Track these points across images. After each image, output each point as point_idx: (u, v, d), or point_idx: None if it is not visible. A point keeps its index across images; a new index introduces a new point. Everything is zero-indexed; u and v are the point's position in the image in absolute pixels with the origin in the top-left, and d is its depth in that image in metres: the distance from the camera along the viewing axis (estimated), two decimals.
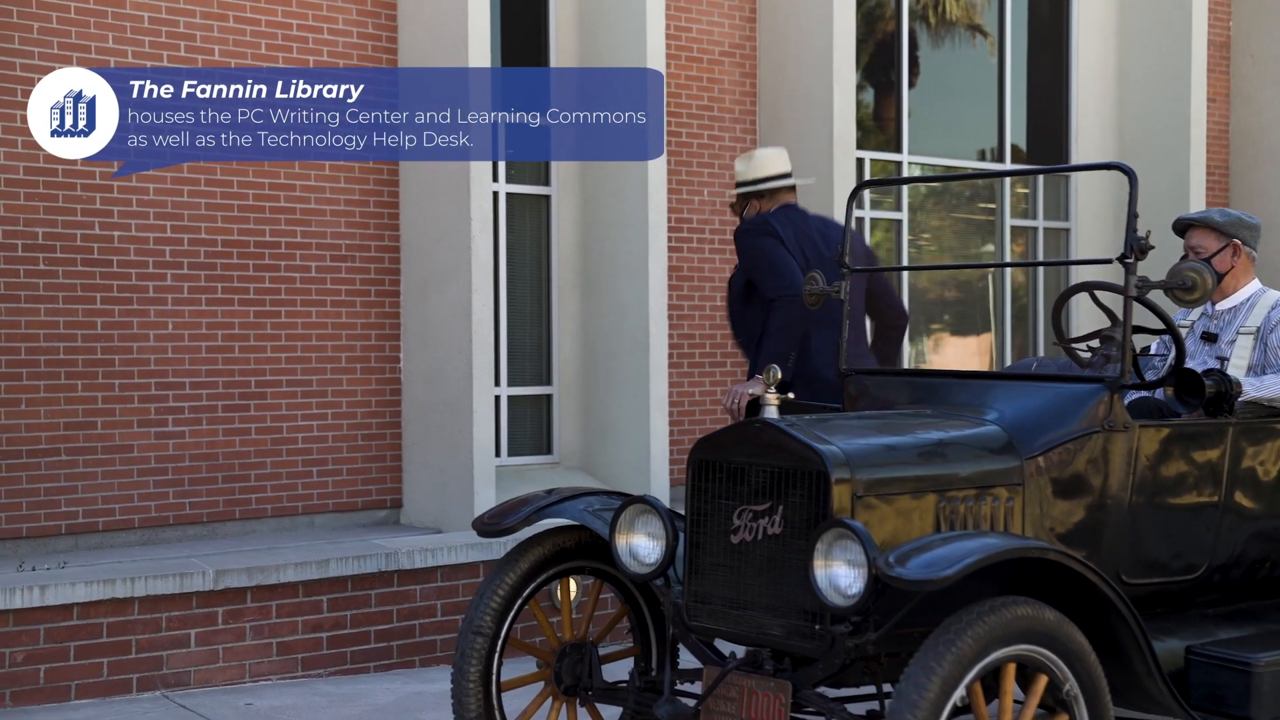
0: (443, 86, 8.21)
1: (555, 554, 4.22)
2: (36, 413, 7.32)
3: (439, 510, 8.30)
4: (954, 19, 10.85)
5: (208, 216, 7.87)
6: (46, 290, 7.37)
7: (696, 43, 9.56)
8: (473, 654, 4.07)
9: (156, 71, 7.68)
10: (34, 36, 7.31)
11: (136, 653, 5.23)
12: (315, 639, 5.57)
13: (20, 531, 7.27)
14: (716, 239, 9.72)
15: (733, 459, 3.84)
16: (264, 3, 8.04)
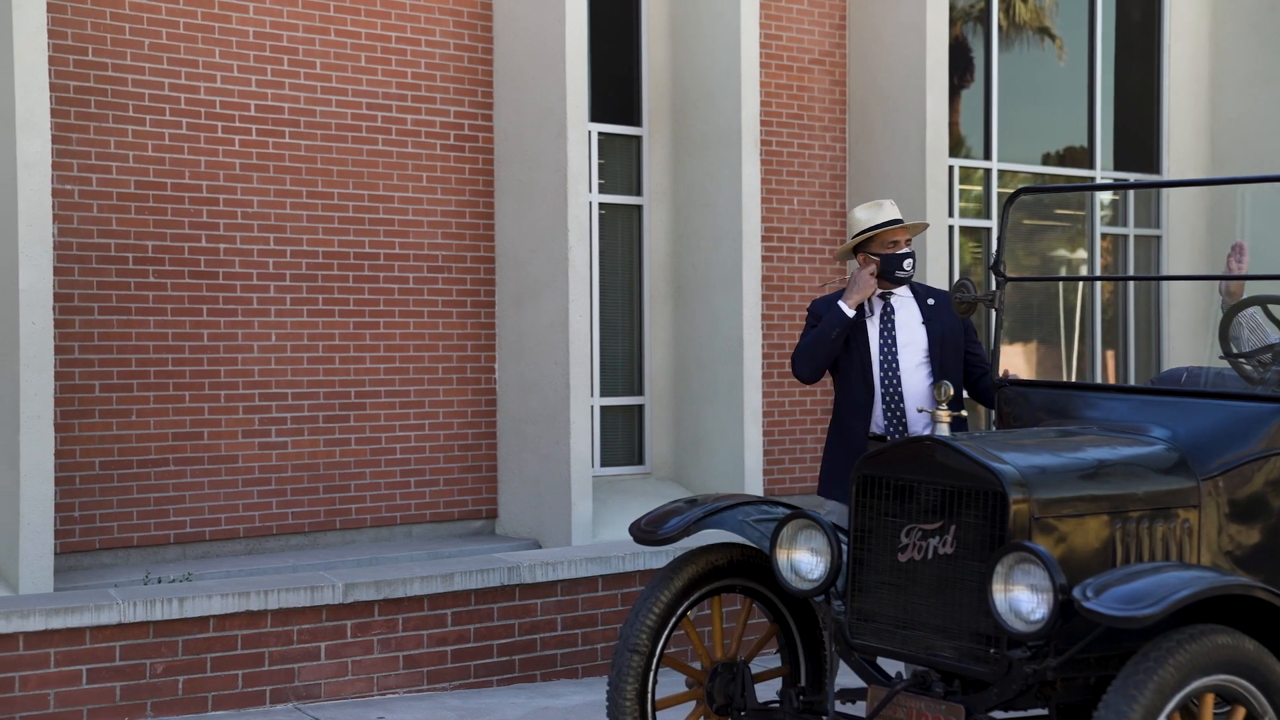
0: (540, 97, 8.24)
1: (708, 572, 4.20)
2: (146, 423, 7.39)
3: (535, 521, 8.31)
4: (1042, 24, 10.77)
5: (309, 229, 7.92)
6: (156, 303, 7.44)
7: (786, 50, 9.54)
8: (629, 671, 4.06)
9: (261, 84, 7.75)
10: (145, 52, 7.39)
11: (269, 665, 5.26)
12: (440, 652, 5.58)
13: (131, 540, 7.34)
14: (806, 248, 9.69)
15: (901, 476, 3.81)
16: (364, 16, 8.09)
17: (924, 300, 5.07)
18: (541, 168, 8.23)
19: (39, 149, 6.53)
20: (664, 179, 9.20)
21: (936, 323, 5.00)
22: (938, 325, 4.99)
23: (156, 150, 7.43)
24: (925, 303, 5.06)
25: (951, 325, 4.99)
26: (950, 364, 4.96)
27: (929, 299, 5.08)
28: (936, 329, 4.99)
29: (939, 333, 4.98)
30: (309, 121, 7.91)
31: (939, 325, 4.99)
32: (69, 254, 7.13)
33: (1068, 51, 10.92)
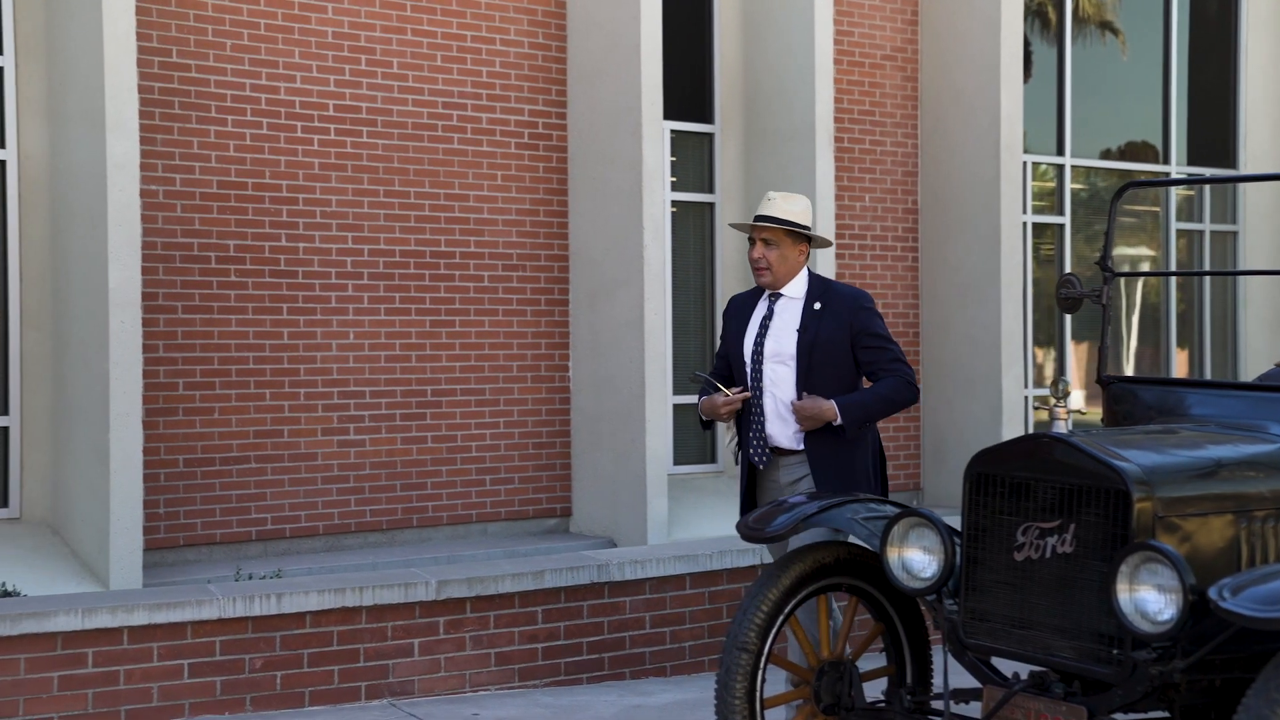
0: (615, 95, 8.24)
1: (815, 570, 4.18)
2: (228, 421, 7.46)
3: (610, 519, 8.32)
4: (1115, 18, 10.66)
5: (386, 227, 7.97)
6: (237, 301, 7.50)
7: (859, 46, 9.49)
8: (738, 670, 4.05)
9: (339, 84, 7.79)
10: (226, 54, 7.45)
11: (364, 661, 5.29)
12: (531, 650, 5.59)
13: (215, 537, 7.41)
14: (878, 245, 9.64)
15: (1016, 473, 3.77)
16: (440, 15, 8.12)
17: (811, 303, 4.62)
18: (616, 165, 8.23)
19: (127, 150, 6.60)
20: (736, 176, 9.18)
21: (812, 330, 4.55)
22: (812, 333, 4.55)
23: (238, 150, 7.49)
24: (811, 306, 4.61)
25: (833, 331, 4.54)
26: (821, 374, 4.54)
27: (817, 302, 4.60)
28: (809, 337, 4.54)
29: (809, 341, 4.54)
30: (386, 121, 7.95)
31: (813, 332, 4.54)
32: (154, 253, 7.20)
33: (1141, 45, 10.80)
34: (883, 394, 4.60)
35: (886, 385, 4.60)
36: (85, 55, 6.65)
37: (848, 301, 4.63)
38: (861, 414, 4.57)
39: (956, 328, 9.53)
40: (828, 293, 4.65)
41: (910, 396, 4.65)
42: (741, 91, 9.16)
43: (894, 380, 4.60)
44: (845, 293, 4.68)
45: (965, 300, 9.45)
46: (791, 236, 4.60)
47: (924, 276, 9.77)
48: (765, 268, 4.60)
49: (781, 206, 4.60)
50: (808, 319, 4.58)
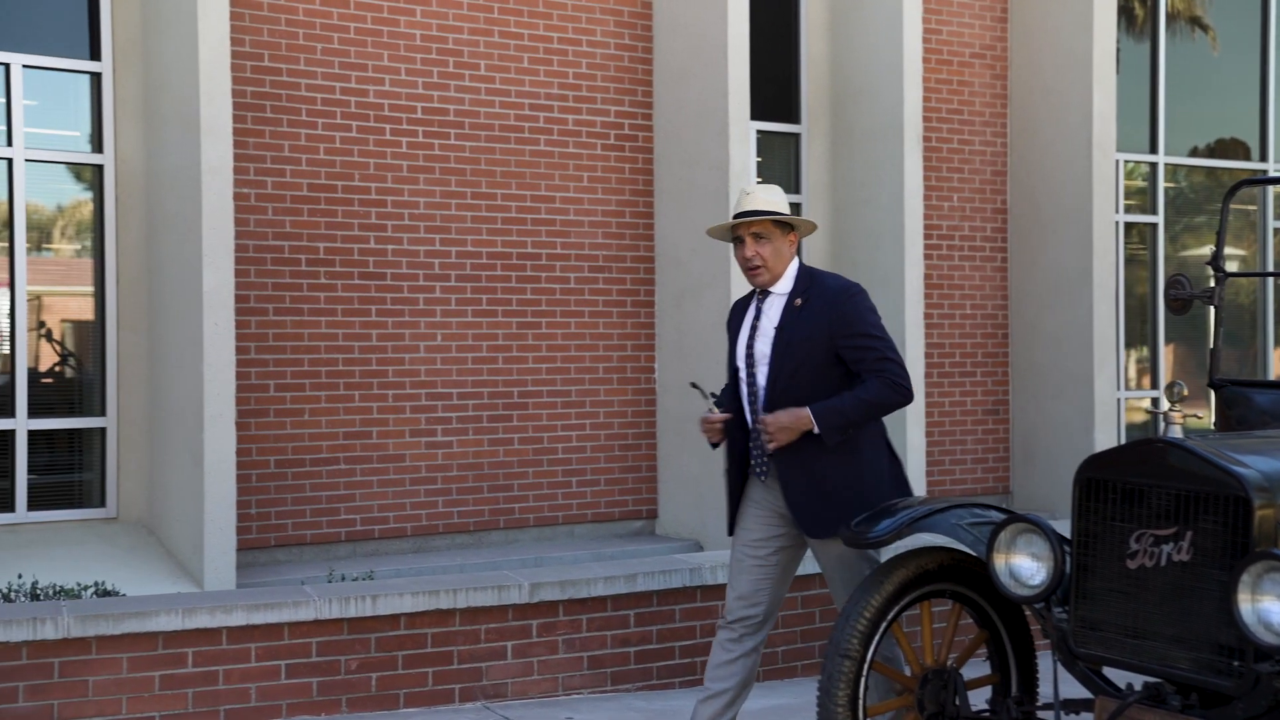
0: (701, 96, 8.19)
1: (918, 576, 4.11)
2: (318, 422, 7.51)
3: (696, 522, 8.27)
4: (1206, 15, 10.42)
5: (473, 229, 7.99)
6: (327, 304, 7.56)
7: (947, 45, 9.37)
8: (840, 677, 3.99)
9: (427, 87, 7.83)
10: (317, 57, 7.51)
11: (458, 663, 5.29)
12: (623, 653, 5.56)
13: (305, 538, 7.47)
14: (966, 246, 9.50)
15: (1129, 479, 3.68)
16: (526, 17, 8.13)
17: (793, 300, 4.25)
18: (702, 166, 8.19)
19: (221, 153, 6.67)
20: (822, 176, 9.10)
21: (790, 329, 4.20)
22: (789, 332, 4.20)
23: (328, 153, 7.55)
24: (793, 303, 4.24)
25: (812, 329, 4.17)
26: (800, 378, 4.18)
27: (800, 297, 4.24)
28: (785, 337, 4.20)
29: (785, 341, 4.20)
30: (473, 123, 7.97)
31: (790, 331, 4.20)
32: (245, 256, 7.28)
33: (1235, 41, 10.55)
34: (862, 397, 4.14)
35: (868, 387, 4.16)
36: (180, 60, 6.73)
37: (830, 295, 4.20)
38: (839, 420, 4.14)
39: (1047, 329, 9.37)
40: (812, 286, 4.24)
41: (897, 399, 4.19)
42: (828, 91, 9.08)
43: (877, 382, 4.15)
44: (830, 285, 4.24)
45: (1056, 301, 9.29)
46: (780, 227, 4.25)
47: (1013, 277, 9.62)
48: (760, 265, 4.23)
49: (764, 198, 4.24)
50: (787, 316, 4.22)
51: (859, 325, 4.18)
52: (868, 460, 4.27)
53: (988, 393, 9.57)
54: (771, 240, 4.23)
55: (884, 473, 4.31)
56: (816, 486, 4.21)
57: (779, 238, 4.24)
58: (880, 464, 4.30)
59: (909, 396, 4.22)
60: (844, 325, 4.16)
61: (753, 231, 4.23)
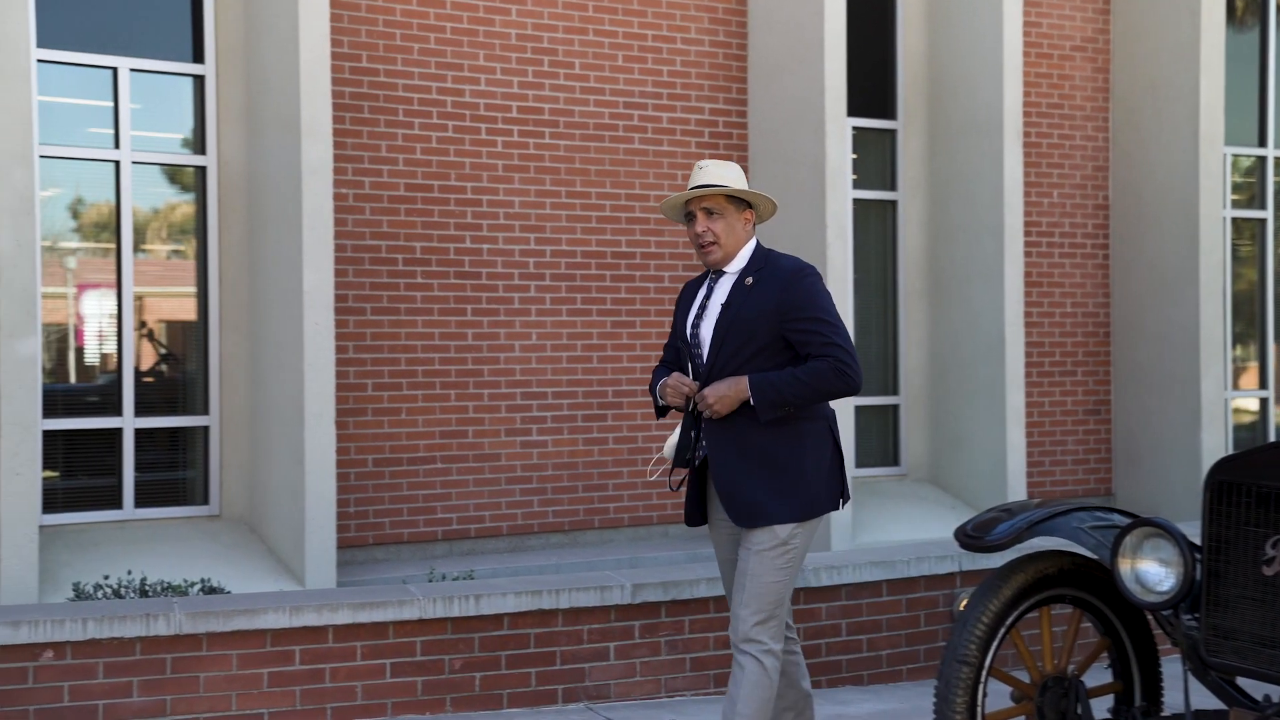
0: (797, 92, 8.11)
1: (1038, 581, 4.00)
2: (415, 421, 7.54)
3: None
4: None
5: (568, 228, 7.97)
6: (423, 303, 7.58)
7: (1047, 38, 9.19)
8: (958, 683, 3.90)
9: (523, 86, 7.82)
10: (414, 57, 7.54)
11: (561, 664, 5.26)
12: (726, 655, 5.49)
13: (402, 536, 7.50)
14: (1066, 242, 9.31)
15: (1264, 482, 3.55)
16: (621, 15, 8.10)
17: (744, 279, 3.98)
18: (798, 163, 8.10)
19: (321, 154, 6.71)
20: (919, 172, 8.96)
21: (735, 308, 3.94)
22: (733, 311, 3.93)
23: (424, 153, 7.57)
24: (743, 281, 3.97)
25: (758, 308, 3.89)
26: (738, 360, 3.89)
27: (750, 276, 3.97)
28: (730, 314, 3.94)
29: (730, 318, 3.92)
30: (568, 121, 7.96)
31: (735, 310, 3.93)
32: (343, 256, 7.32)
33: None
34: (800, 376, 3.82)
35: (809, 368, 3.83)
36: (282, 63, 6.78)
37: (782, 274, 3.92)
38: (773, 395, 3.81)
39: (1150, 327, 9.15)
40: (766, 266, 3.97)
41: (838, 386, 3.83)
42: (925, 86, 8.94)
43: (820, 364, 3.83)
44: (784, 265, 3.96)
45: (1160, 299, 9.07)
46: (735, 204, 3.99)
47: (1115, 274, 9.41)
48: (713, 242, 3.97)
49: (718, 172, 4.00)
50: (735, 294, 3.95)
51: (808, 307, 3.88)
52: (810, 452, 3.90)
53: (1089, 392, 9.37)
54: (725, 216, 3.97)
55: (824, 469, 3.93)
56: (747, 473, 3.87)
57: (733, 214, 3.99)
58: (823, 459, 3.93)
59: (853, 385, 3.86)
60: (793, 307, 3.87)
61: (704, 206, 3.97)
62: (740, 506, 3.89)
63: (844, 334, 3.89)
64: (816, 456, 3.91)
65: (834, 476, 3.97)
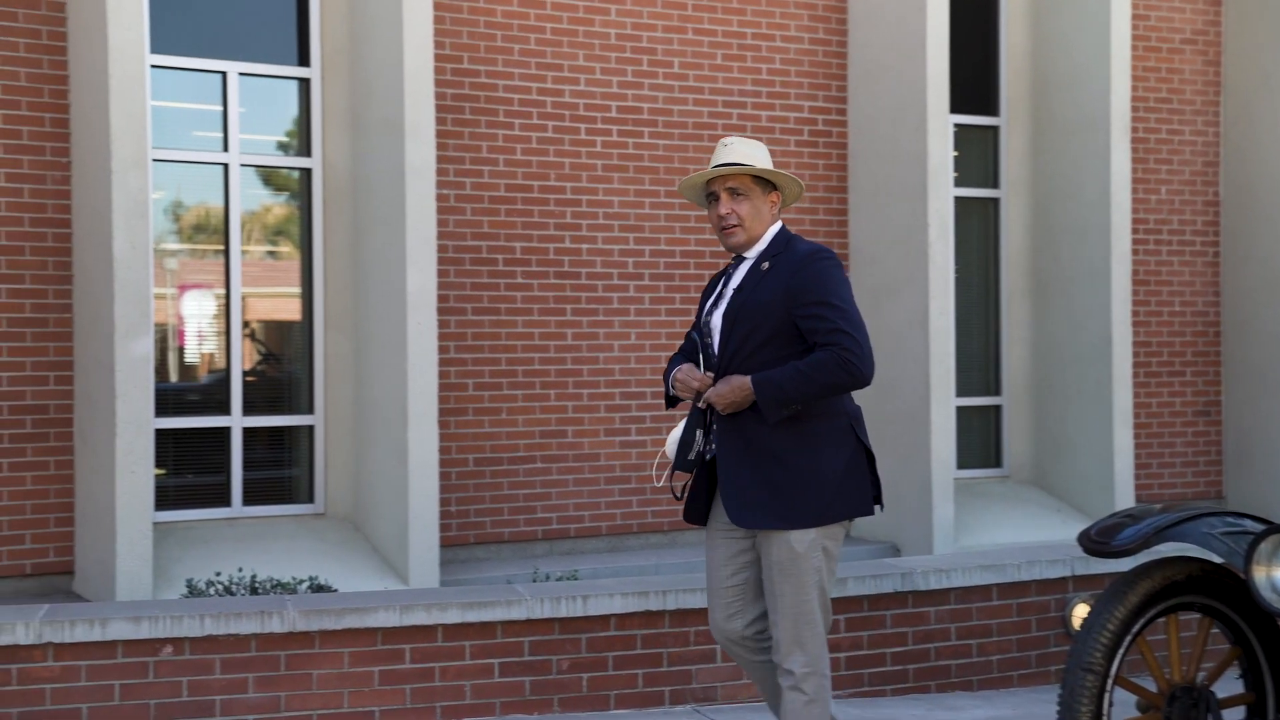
0: (898, 89, 8.01)
1: (1166, 587, 3.89)
2: (515, 421, 7.56)
3: (893, 525, 8.09)
4: None
5: (666, 228, 7.95)
6: (523, 303, 7.60)
7: (1155, 31, 8.99)
8: (1083, 692, 3.81)
9: (622, 85, 7.82)
10: (514, 58, 7.56)
11: (668, 665, 5.24)
12: (833, 659, 5.43)
13: (503, 535, 7.53)
14: (1175, 240, 9.10)
15: None
16: (720, 14, 8.06)
17: (760, 263, 3.73)
18: (899, 162, 8.00)
19: (424, 156, 6.75)
20: (1023, 170, 8.82)
21: (747, 291, 3.69)
22: (744, 296, 3.69)
23: (524, 153, 7.59)
24: (759, 266, 3.73)
25: (769, 294, 3.64)
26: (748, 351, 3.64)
27: (767, 260, 3.73)
28: (740, 299, 3.69)
29: (741, 304, 3.67)
30: (667, 121, 7.94)
31: (748, 294, 3.68)
32: (445, 257, 7.36)
33: None
34: (803, 369, 3.53)
35: (811, 359, 3.54)
36: (386, 66, 6.84)
37: (797, 258, 3.67)
38: (774, 392, 3.54)
39: (1264, 326, 8.91)
40: (784, 250, 3.73)
41: (843, 378, 3.55)
42: (1029, 81, 8.79)
43: (823, 354, 3.53)
44: (800, 248, 3.71)
45: (1274, 297, 8.84)
46: (761, 185, 3.76)
47: (1226, 272, 9.18)
48: (736, 224, 3.73)
49: (744, 150, 3.76)
50: (749, 279, 3.71)
51: (818, 291, 3.59)
52: (825, 453, 3.62)
53: (1198, 393, 9.15)
54: (750, 198, 3.74)
55: (844, 468, 3.66)
56: (756, 475, 3.62)
57: (759, 196, 3.75)
58: (839, 460, 3.65)
59: (861, 378, 3.56)
60: (802, 290, 3.59)
61: (729, 186, 3.74)
62: (746, 511, 3.65)
63: (854, 320, 3.59)
64: (833, 457, 3.63)
65: (856, 478, 3.69)
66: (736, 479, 3.65)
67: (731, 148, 3.76)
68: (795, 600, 3.66)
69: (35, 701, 4.49)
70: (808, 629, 3.68)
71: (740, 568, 3.80)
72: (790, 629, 3.68)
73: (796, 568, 3.63)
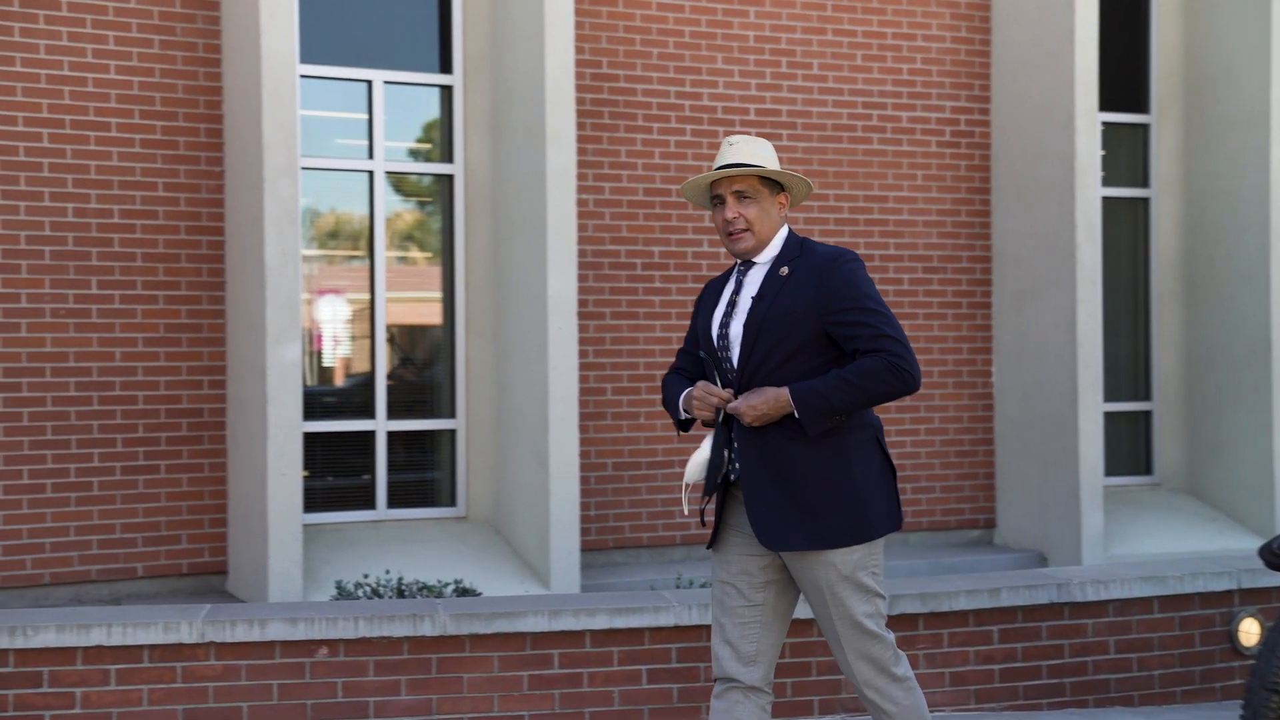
0: (1044, 87, 7.82)
1: None
2: (653, 426, 7.54)
3: (1039, 533, 7.90)
4: None
5: (805, 230, 7.85)
6: (661, 307, 7.58)
7: None
8: (1268, 713, 3.66)
9: (760, 88, 7.75)
10: (653, 62, 7.55)
11: (816, 675, 5.16)
12: (987, 671, 5.30)
13: (641, 540, 7.51)
14: None
15: None
16: (860, 14, 7.95)
17: (778, 268, 3.50)
18: (1045, 161, 7.81)
19: (566, 161, 6.77)
20: (1174, 168, 8.54)
21: (768, 301, 3.45)
22: (766, 305, 3.45)
23: (663, 157, 7.57)
24: (777, 271, 3.49)
25: (794, 302, 3.42)
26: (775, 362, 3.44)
27: (785, 266, 3.49)
28: (762, 309, 3.45)
29: (763, 313, 3.44)
30: (805, 123, 7.85)
31: (769, 304, 3.45)
32: (584, 261, 7.37)
33: None
34: (850, 378, 3.34)
35: (858, 367, 3.35)
36: (528, 72, 6.88)
37: (820, 263, 3.45)
38: (820, 404, 3.34)
39: None
40: (802, 255, 3.50)
41: (894, 386, 3.35)
42: (1182, 78, 8.52)
43: (871, 361, 3.35)
44: (821, 252, 3.49)
45: None
46: (769, 186, 3.53)
47: None
48: (745, 229, 3.49)
49: (750, 150, 3.53)
50: (768, 286, 3.47)
51: (851, 297, 3.40)
52: (856, 466, 3.43)
53: None
54: (758, 200, 3.50)
55: (874, 482, 3.46)
56: (787, 494, 3.41)
57: (767, 198, 3.52)
58: (870, 471, 3.46)
59: (911, 383, 3.37)
60: (835, 297, 3.40)
61: (735, 189, 3.51)
62: (775, 530, 3.41)
63: (896, 325, 3.42)
64: (864, 471, 3.44)
65: (883, 492, 3.49)
66: (766, 499, 3.43)
67: (737, 147, 3.56)
68: (863, 616, 3.46)
69: (199, 699, 4.58)
70: (881, 638, 3.50)
71: (762, 585, 3.54)
72: (864, 649, 3.49)
73: (846, 589, 3.43)
